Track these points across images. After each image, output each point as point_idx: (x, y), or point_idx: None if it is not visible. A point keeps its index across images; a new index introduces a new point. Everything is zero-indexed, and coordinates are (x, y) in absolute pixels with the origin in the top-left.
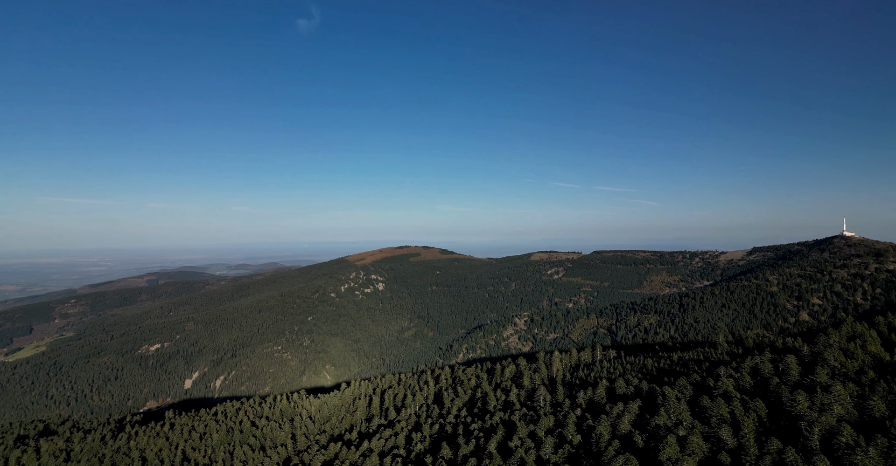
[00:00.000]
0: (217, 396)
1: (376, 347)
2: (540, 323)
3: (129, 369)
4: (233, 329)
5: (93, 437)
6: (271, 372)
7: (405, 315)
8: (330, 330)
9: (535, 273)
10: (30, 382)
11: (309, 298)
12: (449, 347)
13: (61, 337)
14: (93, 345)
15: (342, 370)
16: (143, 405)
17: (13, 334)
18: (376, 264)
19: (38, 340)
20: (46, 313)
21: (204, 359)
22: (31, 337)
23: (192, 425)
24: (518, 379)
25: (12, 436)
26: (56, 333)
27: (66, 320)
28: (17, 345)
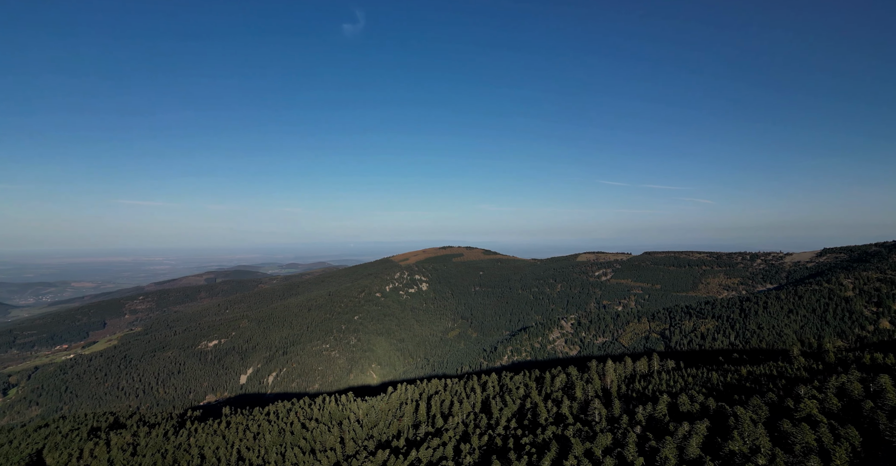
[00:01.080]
0: (269, 392)
1: (421, 347)
2: (587, 326)
3: (190, 363)
4: (284, 327)
5: (157, 432)
6: (320, 370)
7: (448, 315)
8: (375, 330)
9: (582, 274)
10: (103, 374)
11: (355, 298)
12: (493, 349)
13: (131, 332)
14: (158, 340)
15: (388, 369)
16: (203, 398)
17: (89, 328)
18: (420, 264)
19: (111, 334)
20: (118, 309)
21: (257, 356)
22: (104, 332)
23: (246, 424)
24: (569, 389)
25: (87, 428)
26: (126, 328)
27: (135, 316)
28: (92, 339)
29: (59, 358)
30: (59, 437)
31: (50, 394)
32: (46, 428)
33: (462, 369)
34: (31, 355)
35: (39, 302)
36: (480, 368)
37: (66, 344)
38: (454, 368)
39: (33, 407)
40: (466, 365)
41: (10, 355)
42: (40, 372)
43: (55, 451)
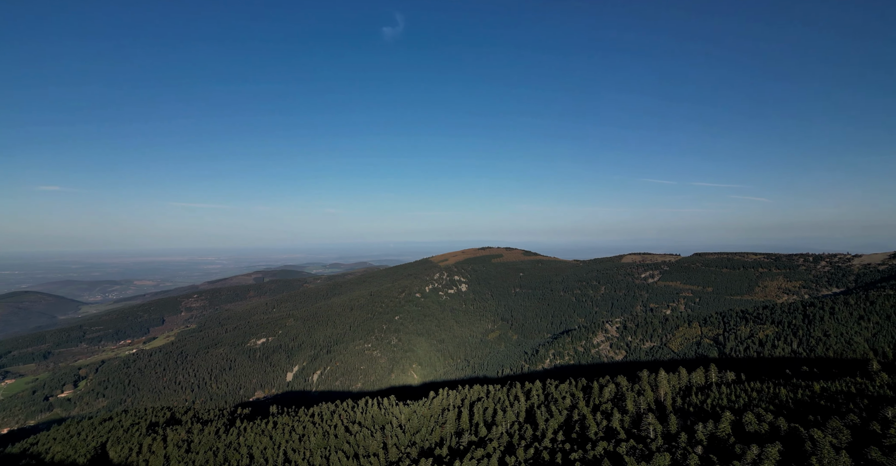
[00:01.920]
0: (314, 390)
1: (461, 348)
2: (634, 330)
3: (240, 360)
4: (327, 326)
5: (209, 430)
6: (362, 369)
7: (488, 317)
8: (416, 330)
9: (627, 276)
10: (162, 368)
11: (396, 298)
12: (535, 352)
13: (186, 329)
14: (211, 337)
15: (428, 369)
16: (252, 395)
17: (150, 324)
18: (459, 265)
19: (169, 331)
20: (175, 306)
21: (303, 354)
22: (163, 328)
23: (292, 425)
24: (619, 401)
25: (146, 423)
26: (182, 324)
27: (191, 313)
28: (152, 335)
29: (123, 353)
30: (120, 432)
31: (115, 387)
32: (110, 422)
33: (503, 371)
34: (98, 349)
35: (106, 299)
36: (522, 371)
37: (129, 339)
38: (495, 370)
39: (100, 399)
40: (507, 367)
41: (81, 349)
42: (106, 365)
43: (117, 445)
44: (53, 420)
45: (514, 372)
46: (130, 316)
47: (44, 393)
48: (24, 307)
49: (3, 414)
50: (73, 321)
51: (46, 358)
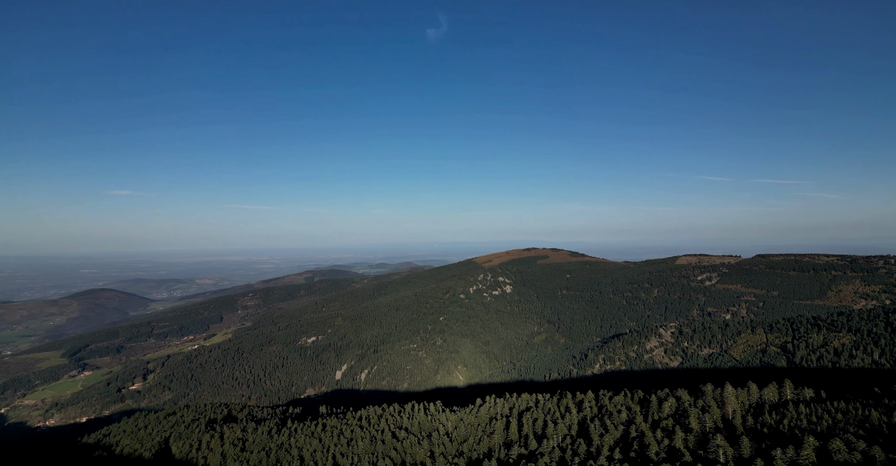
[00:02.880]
0: (362, 388)
1: (506, 350)
2: (690, 335)
3: (292, 358)
4: (374, 325)
5: (262, 429)
6: (408, 369)
7: (534, 319)
8: (460, 331)
9: (682, 278)
10: (220, 364)
11: (440, 299)
12: (584, 356)
13: (242, 327)
14: (265, 335)
15: (473, 371)
16: (304, 392)
17: (209, 322)
18: (503, 266)
19: (227, 328)
20: (232, 304)
21: (351, 353)
22: (221, 325)
23: (340, 428)
24: (682, 417)
25: (205, 419)
26: (238, 322)
27: (246, 311)
28: (212, 331)
29: (186, 348)
30: (182, 427)
31: (179, 381)
32: (173, 416)
33: (550, 375)
34: (164, 344)
35: (171, 296)
36: (570, 376)
37: (191, 335)
38: (542, 374)
39: (166, 392)
40: (555, 371)
41: (149, 344)
42: (171, 360)
43: (179, 441)
44: (125, 411)
45: (563, 377)
46: (192, 314)
47: (117, 385)
48: (101, 303)
49: (82, 404)
50: (142, 317)
51: (119, 352)
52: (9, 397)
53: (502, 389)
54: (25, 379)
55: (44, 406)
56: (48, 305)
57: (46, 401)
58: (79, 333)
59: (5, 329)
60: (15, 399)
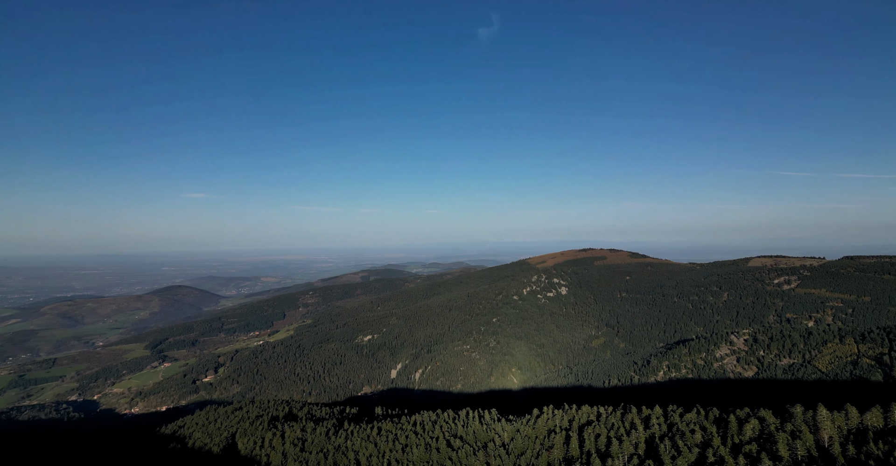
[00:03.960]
0: (417, 388)
1: (562, 354)
2: (766, 343)
3: (349, 356)
4: (428, 325)
5: (320, 430)
6: (462, 371)
7: (591, 322)
8: (514, 333)
9: (756, 281)
10: (283, 360)
11: (493, 300)
12: (646, 362)
13: (303, 324)
14: (324, 333)
15: (528, 374)
16: (361, 389)
17: (273, 318)
18: (558, 267)
19: (289, 325)
20: (294, 302)
21: (405, 353)
22: (284, 322)
23: (395, 433)
24: (767, 442)
25: (268, 417)
26: (300, 319)
27: (307, 309)
28: (276, 328)
29: (253, 344)
30: (247, 424)
31: (246, 375)
32: (239, 412)
33: (610, 381)
34: (233, 339)
35: (239, 293)
36: (631, 382)
37: (257, 331)
38: (600, 380)
39: (235, 385)
40: (615, 377)
41: (220, 338)
42: (239, 354)
43: (244, 437)
44: (199, 402)
45: (623, 384)
46: (258, 311)
47: (192, 377)
48: (178, 299)
49: (162, 394)
50: (214, 313)
51: (194, 346)
52: (100, 385)
53: (559, 394)
54: (114, 369)
55: (129, 394)
56: (133, 300)
57: (132, 390)
58: (159, 327)
59: (98, 321)
60: (105, 387)
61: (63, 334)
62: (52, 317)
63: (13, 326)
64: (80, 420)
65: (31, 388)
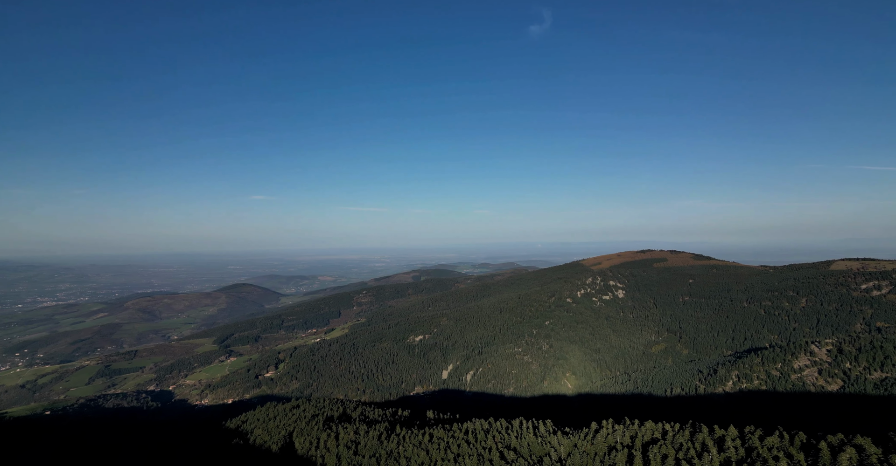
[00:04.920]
0: (468, 390)
1: (619, 359)
2: (853, 354)
3: (401, 355)
4: (478, 327)
5: (373, 433)
6: (513, 374)
7: (651, 327)
8: (568, 337)
9: (840, 286)
10: (339, 358)
11: (545, 302)
12: (712, 371)
13: (357, 323)
14: (377, 332)
15: (583, 380)
16: (413, 389)
17: (329, 316)
18: (614, 269)
19: (343, 323)
20: (348, 301)
21: (456, 354)
22: (339, 320)
23: (447, 441)
24: None
25: (323, 416)
26: (354, 318)
27: (361, 307)
28: (331, 326)
29: (310, 341)
30: (303, 423)
31: (304, 372)
32: (297, 410)
33: (672, 390)
34: (292, 336)
35: (298, 291)
36: (696, 392)
37: (314, 328)
38: (661, 388)
39: (293, 381)
40: (677, 385)
41: (280, 335)
42: (298, 351)
43: (301, 437)
44: (261, 396)
45: (687, 393)
46: (315, 309)
47: (255, 372)
48: (243, 296)
49: (228, 387)
50: (274, 310)
51: (257, 341)
52: (175, 376)
53: (616, 402)
54: (186, 362)
55: (200, 386)
56: (203, 297)
57: (202, 382)
58: (226, 323)
59: (173, 316)
60: (179, 378)
61: (143, 328)
62: (133, 312)
63: (101, 319)
64: (156, 410)
65: (116, 378)
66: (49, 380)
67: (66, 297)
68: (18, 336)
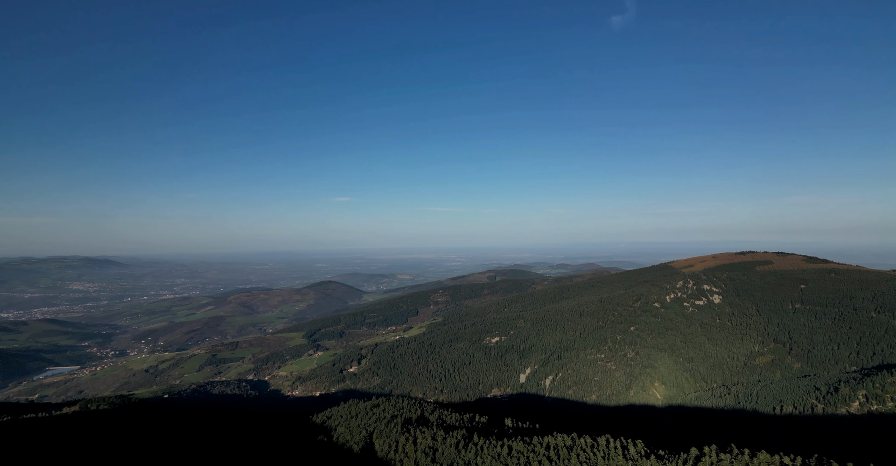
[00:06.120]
0: (547, 395)
1: (716, 370)
2: None
3: (477, 356)
4: (557, 330)
5: (451, 440)
6: (596, 381)
7: (754, 336)
8: (656, 344)
9: None
10: (416, 356)
11: (630, 306)
12: (832, 389)
13: (434, 322)
14: (453, 332)
15: (674, 391)
16: (490, 391)
17: (407, 315)
18: (709, 272)
19: (421, 322)
20: (425, 299)
21: (534, 357)
22: (417, 319)
23: (527, 456)
24: None
25: (401, 419)
26: (431, 317)
27: (437, 306)
28: (409, 324)
29: (390, 339)
30: (383, 424)
31: (384, 368)
32: (377, 409)
33: (783, 408)
34: (373, 333)
35: (378, 289)
36: (812, 411)
37: (393, 326)
38: (768, 404)
39: (375, 377)
40: (788, 403)
41: (362, 331)
42: (378, 348)
43: (380, 439)
44: (345, 390)
45: (801, 412)
46: (394, 306)
47: (339, 367)
48: (328, 293)
49: (316, 380)
50: (357, 307)
51: (341, 337)
52: (269, 367)
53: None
54: (279, 354)
55: (291, 377)
56: (294, 293)
57: (293, 374)
58: (314, 318)
59: (268, 311)
60: (273, 369)
61: (243, 321)
62: (235, 306)
63: (209, 312)
64: (254, 398)
65: (221, 366)
66: (167, 366)
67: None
68: (144, 324)
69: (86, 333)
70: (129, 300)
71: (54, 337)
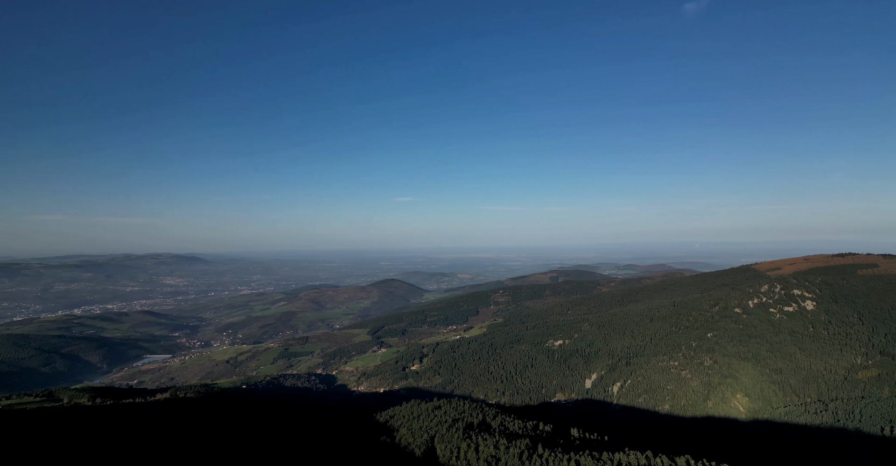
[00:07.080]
0: (615, 402)
1: (809, 384)
2: None
3: (539, 359)
4: (624, 335)
5: (513, 450)
6: (669, 389)
7: (855, 347)
8: (738, 353)
9: None
10: (477, 356)
11: (707, 311)
12: None
13: (494, 322)
14: (514, 333)
15: (759, 404)
16: (553, 395)
17: (468, 314)
18: (800, 275)
19: (482, 322)
20: (486, 299)
21: (600, 362)
22: (477, 318)
23: None
24: None
25: (463, 423)
26: (491, 317)
27: (498, 307)
28: (470, 324)
29: (450, 338)
30: (444, 428)
31: (446, 368)
32: (439, 411)
33: (893, 429)
34: (434, 332)
35: (439, 288)
36: None
37: (454, 325)
38: (876, 424)
39: (436, 376)
40: None
41: (423, 330)
42: (440, 347)
43: (442, 443)
44: (407, 388)
45: None
46: (455, 306)
47: (402, 364)
48: (391, 291)
49: (380, 377)
50: (419, 305)
51: (404, 335)
52: (337, 362)
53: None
54: (346, 350)
55: (356, 373)
56: (359, 291)
57: (358, 370)
58: (377, 315)
59: (335, 307)
60: (340, 364)
61: (312, 316)
62: (305, 302)
63: (282, 307)
64: (323, 391)
65: (292, 360)
66: (245, 358)
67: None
68: (225, 317)
69: (176, 324)
70: (213, 294)
71: (150, 327)
